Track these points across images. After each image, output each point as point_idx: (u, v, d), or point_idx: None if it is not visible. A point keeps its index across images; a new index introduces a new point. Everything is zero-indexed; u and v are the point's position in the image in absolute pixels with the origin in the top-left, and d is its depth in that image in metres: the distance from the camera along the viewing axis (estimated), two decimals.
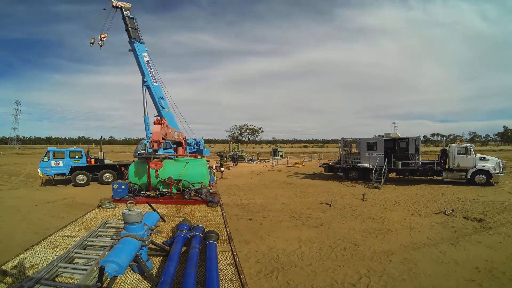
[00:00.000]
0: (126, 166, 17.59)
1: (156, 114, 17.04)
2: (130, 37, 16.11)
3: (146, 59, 16.62)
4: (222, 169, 21.35)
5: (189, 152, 17.30)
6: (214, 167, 16.74)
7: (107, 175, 17.37)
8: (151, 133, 6.18)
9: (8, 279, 2.25)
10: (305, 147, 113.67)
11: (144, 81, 16.75)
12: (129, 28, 16.12)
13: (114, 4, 15.94)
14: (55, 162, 16.27)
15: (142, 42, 16.72)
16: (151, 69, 16.83)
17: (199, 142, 19.52)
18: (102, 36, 16.48)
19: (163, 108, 17.08)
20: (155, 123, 6.11)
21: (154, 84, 17.04)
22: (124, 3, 16.23)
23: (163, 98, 17.24)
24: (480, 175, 15.22)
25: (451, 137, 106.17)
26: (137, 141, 18.82)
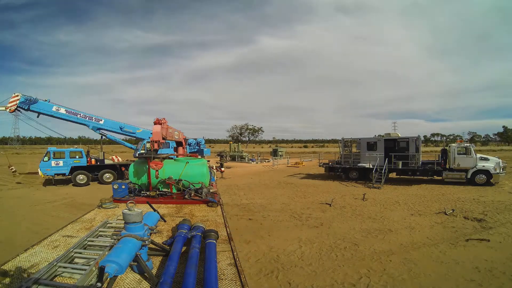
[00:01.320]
0: (126, 166, 17.59)
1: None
2: (38, 113, 14.31)
3: (62, 109, 14.97)
4: (223, 169, 21.30)
5: (190, 152, 17.26)
6: (214, 167, 16.72)
7: (107, 175, 17.39)
8: (151, 134, 6.17)
9: (8, 279, 2.25)
10: (305, 147, 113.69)
11: (91, 129, 15.58)
12: (32, 111, 14.33)
13: (9, 110, 13.87)
14: (55, 162, 16.26)
15: (46, 100, 14.97)
16: (81, 114, 15.42)
17: (200, 142, 19.46)
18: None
19: (133, 132, 16.29)
20: (155, 123, 6.10)
21: (101, 122, 15.83)
22: (14, 103, 13.82)
23: (122, 127, 16.16)
24: (480, 175, 15.21)
25: (451, 137, 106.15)
26: (137, 141, 18.74)
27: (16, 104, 14.01)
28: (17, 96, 14.12)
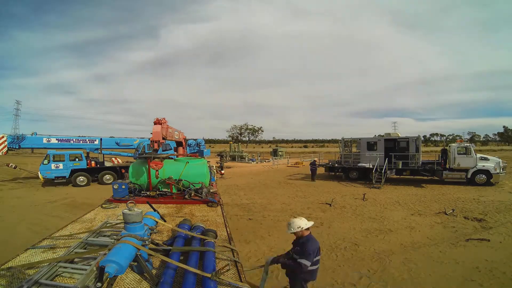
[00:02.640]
0: (126, 168, 17.60)
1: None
2: (31, 149, 15.08)
3: (53, 139, 15.56)
4: (223, 171, 21.16)
5: (190, 153, 17.30)
6: (214, 167, 16.73)
7: (107, 176, 17.37)
8: (150, 134, 6.16)
9: (8, 279, 2.24)
10: (305, 147, 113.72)
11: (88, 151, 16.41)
12: (24, 148, 15.28)
13: (2, 153, 14.45)
14: (55, 165, 16.25)
15: (33, 134, 15.69)
16: (73, 140, 16.11)
17: (200, 143, 19.45)
18: None
19: (130, 145, 16.93)
20: (155, 123, 6.09)
21: (95, 142, 16.42)
22: (3, 145, 14.42)
23: (118, 142, 16.97)
24: (481, 175, 15.21)
25: (451, 136, 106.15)
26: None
27: (5, 145, 14.29)
28: (3, 137, 14.31)
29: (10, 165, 17.86)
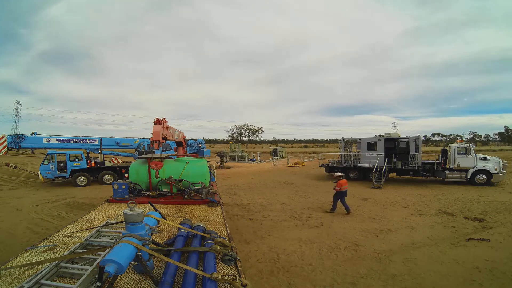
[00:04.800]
0: (126, 168, 17.61)
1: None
2: (32, 149, 15.49)
3: (53, 139, 15.48)
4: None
5: (190, 153, 17.27)
6: (214, 167, 16.76)
7: (107, 176, 17.42)
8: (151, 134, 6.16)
9: (8, 279, 2.25)
10: (305, 147, 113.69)
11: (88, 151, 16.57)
12: (24, 148, 15.41)
13: (3, 153, 14.49)
14: (53, 166, 16.25)
15: (33, 134, 15.72)
16: (73, 140, 16.17)
17: (200, 143, 19.43)
18: None
19: (130, 145, 16.93)
20: (155, 123, 6.10)
21: (95, 142, 16.45)
22: (3, 145, 14.52)
23: (118, 142, 17.00)
24: (481, 175, 15.21)
25: (451, 136, 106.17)
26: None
27: (6, 146, 14.29)
28: (3, 137, 14.29)
29: (10, 165, 17.87)
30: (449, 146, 16.45)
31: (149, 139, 6.02)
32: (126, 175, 16.57)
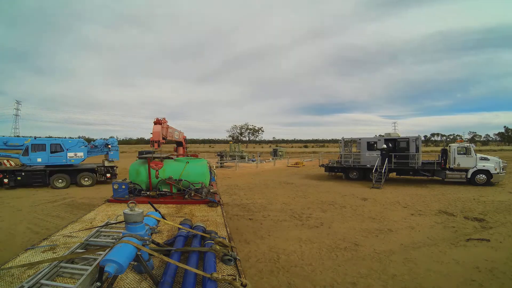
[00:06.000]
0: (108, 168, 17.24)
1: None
2: None
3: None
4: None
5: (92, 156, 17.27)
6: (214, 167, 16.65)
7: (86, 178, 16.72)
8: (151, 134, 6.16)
9: (8, 279, 2.24)
10: (305, 147, 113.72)
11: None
12: None
13: None
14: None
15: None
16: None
17: (110, 143, 17.97)
18: None
19: (20, 145, 15.75)
20: (155, 123, 6.10)
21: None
22: None
23: (6, 142, 15.54)
24: (481, 175, 15.22)
25: (451, 136, 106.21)
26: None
27: None
28: None
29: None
30: (449, 146, 16.46)
31: (149, 139, 5.99)
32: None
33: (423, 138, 19.61)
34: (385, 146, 17.40)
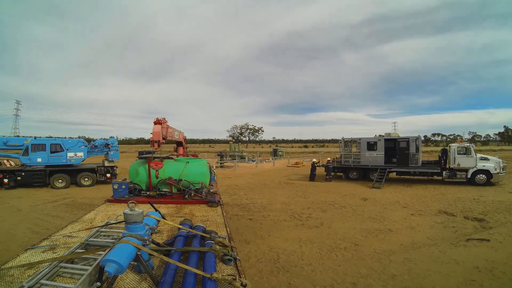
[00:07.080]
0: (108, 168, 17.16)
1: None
2: None
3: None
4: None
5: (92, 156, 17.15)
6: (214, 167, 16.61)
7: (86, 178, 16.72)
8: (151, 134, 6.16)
9: (8, 279, 2.25)
10: (305, 147, 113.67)
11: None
12: None
13: None
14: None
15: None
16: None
17: (110, 143, 18.03)
18: None
19: (21, 145, 15.80)
20: (155, 123, 6.10)
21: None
22: None
23: (6, 142, 15.50)
24: (481, 175, 15.22)
25: (452, 136, 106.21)
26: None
27: None
28: None
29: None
30: (449, 146, 16.46)
31: (149, 138, 5.99)
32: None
33: (423, 138, 19.59)
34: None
